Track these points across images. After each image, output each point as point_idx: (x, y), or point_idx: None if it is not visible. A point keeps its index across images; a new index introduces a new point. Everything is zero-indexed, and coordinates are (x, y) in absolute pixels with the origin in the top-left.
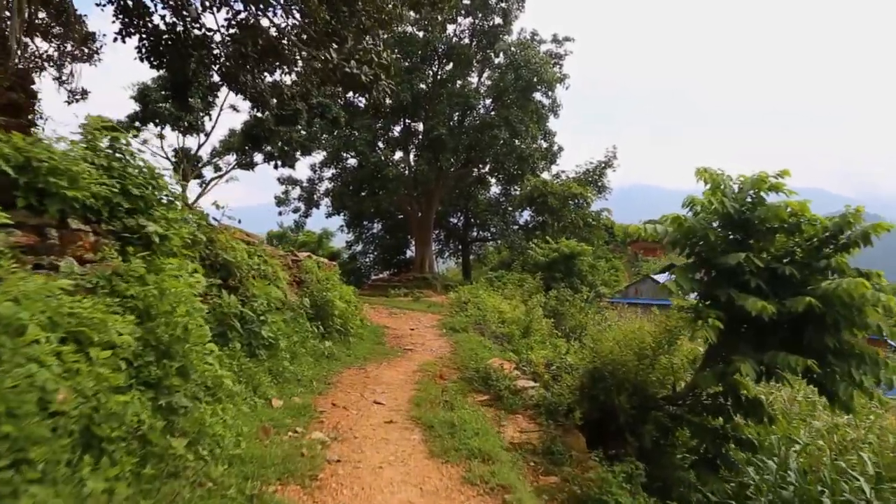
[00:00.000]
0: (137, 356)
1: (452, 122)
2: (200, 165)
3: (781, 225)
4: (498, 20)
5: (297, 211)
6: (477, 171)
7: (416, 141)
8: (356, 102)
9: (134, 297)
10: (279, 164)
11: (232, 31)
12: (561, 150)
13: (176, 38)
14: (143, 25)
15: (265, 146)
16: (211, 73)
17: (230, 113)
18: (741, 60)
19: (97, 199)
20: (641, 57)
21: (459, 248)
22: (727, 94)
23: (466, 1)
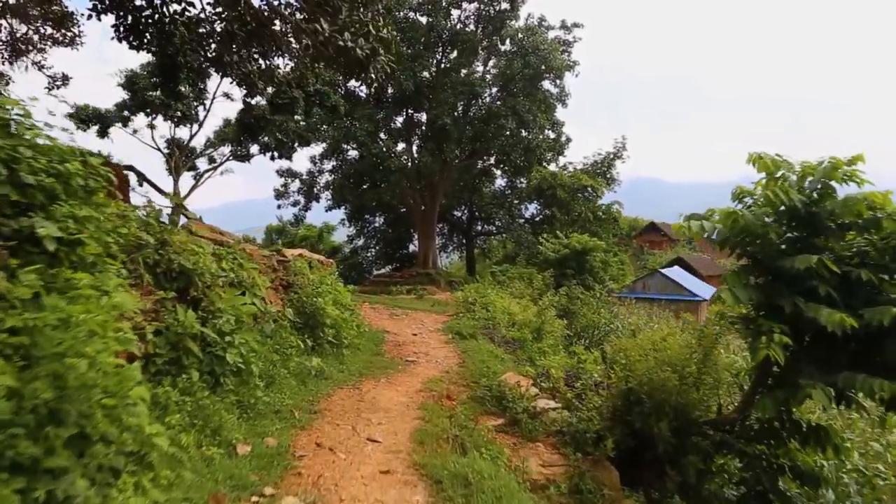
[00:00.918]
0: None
1: (457, 111)
2: (194, 157)
3: (855, 221)
4: (505, 5)
5: (296, 204)
6: (482, 162)
7: (419, 132)
8: (357, 91)
9: (15, 331)
10: (275, 155)
11: (218, 8)
12: (569, 140)
13: (156, 14)
14: (118, 1)
15: (262, 136)
16: (199, 55)
17: (226, 103)
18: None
19: None
20: (647, 42)
21: (463, 242)
22: (734, 80)
23: None
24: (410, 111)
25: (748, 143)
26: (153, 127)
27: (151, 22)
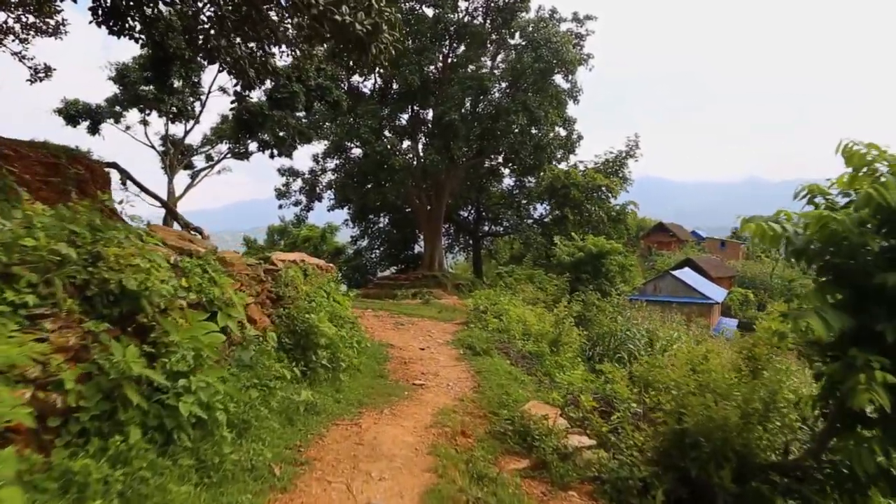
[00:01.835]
0: None
1: (465, 107)
2: (190, 154)
3: None
4: None
5: (298, 204)
6: (490, 161)
7: (425, 129)
8: (360, 87)
9: None
10: (275, 153)
11: None
12: (580, 138)
13: None
14: None
15: (260, 133)
16: (184, 40)
17: (223, 99)
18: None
19: None
20: (652, 38)
21: (470, 243)
22: (739, 75)
23: None
24: (416, 107)
25: (753, 141)
26: (146, 123)
27: (133, 4)
